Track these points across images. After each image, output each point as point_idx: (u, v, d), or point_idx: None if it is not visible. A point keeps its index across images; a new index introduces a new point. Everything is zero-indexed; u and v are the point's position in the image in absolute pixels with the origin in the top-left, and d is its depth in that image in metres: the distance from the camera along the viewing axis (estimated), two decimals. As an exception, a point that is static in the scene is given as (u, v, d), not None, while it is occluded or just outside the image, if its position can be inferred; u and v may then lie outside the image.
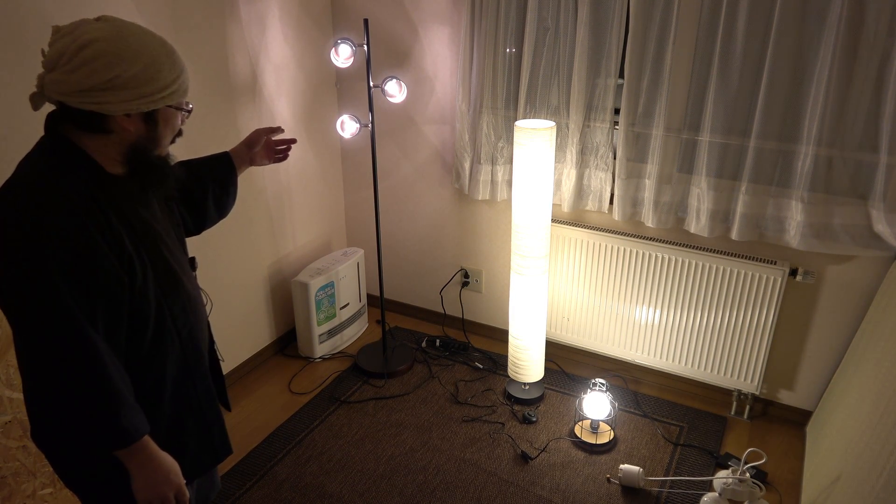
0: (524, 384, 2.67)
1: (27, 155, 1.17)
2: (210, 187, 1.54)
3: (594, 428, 2.42)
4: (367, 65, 2.46)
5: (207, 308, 1.42)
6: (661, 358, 2.62)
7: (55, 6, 1.83)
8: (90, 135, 1.14)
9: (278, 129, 1.65)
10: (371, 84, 2.49)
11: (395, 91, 2.53)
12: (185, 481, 1.28)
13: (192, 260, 1.42)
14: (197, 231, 1.57)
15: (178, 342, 1.29)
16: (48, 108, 1.30)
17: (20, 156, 1.20)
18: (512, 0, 2.44)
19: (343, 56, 2.45)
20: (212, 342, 1.51)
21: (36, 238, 1.05)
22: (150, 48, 1.12)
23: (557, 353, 2.93)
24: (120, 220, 1.16)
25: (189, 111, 1.25)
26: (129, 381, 1.19)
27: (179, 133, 1.26)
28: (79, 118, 1.12)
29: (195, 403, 1.37)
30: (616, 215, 2.51)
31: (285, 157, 1.70)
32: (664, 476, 2.24)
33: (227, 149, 2.49)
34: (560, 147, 2.55)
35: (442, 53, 2.71)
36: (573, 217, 2.68)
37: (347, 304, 3.01)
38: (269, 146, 1.68)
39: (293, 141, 1.70)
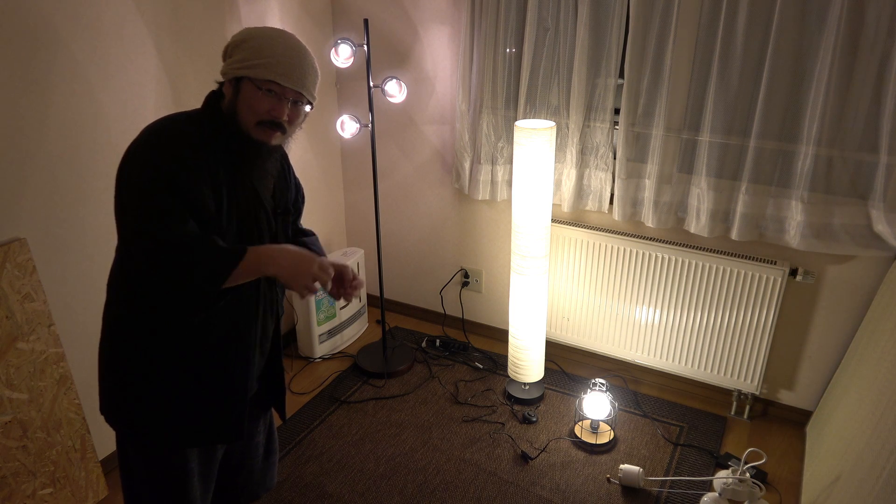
0: (524, 384, 2.67)
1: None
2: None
3: (594, 428, 2.42)
4: (367, 65, 2.46)
5: (291, 318, 1.47)
6: (661, 358, 2.61)
7: (55, 6, 1.83)
8: (223, 99, 1.31)
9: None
10: (371, 84, 2.49)
11: (395, 91, 2.53)
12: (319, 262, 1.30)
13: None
14: None
15: (235, 301, 1.33)
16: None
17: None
18: (512, 0, 2.44)
19: (343, 56, 2.44)
20: (277, 342, 1.52)
21: (157, 151, 1.22)
22: (270, 35, 1.27)
23: (557, 353, 2.93)
24: (224, 169, 1.28)
25: (271, 90, 1.27)
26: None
27: (277, 126, 1.30)
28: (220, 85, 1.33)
29: (228, 371, 1.37)
30: (616, 215, 2.51)
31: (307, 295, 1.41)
32: (664, 476, 2.24)
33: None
34: (560, 147, 2.55)
35: (442, 53, 2.71)
36: (573, 217, 2.68)
37: (347, 304, 3.01)
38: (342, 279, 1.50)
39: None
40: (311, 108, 1.37)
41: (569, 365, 2.88)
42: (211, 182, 1.25)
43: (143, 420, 1.35)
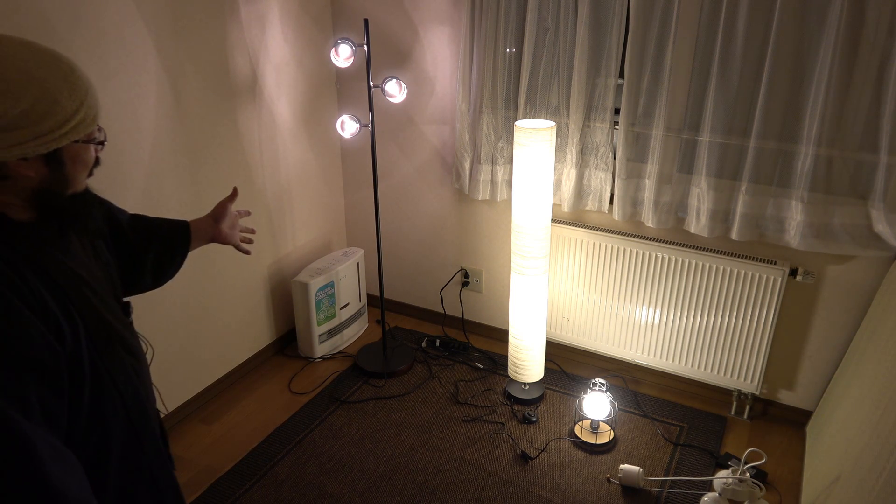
0: (524, 384, 2.67)
1: None
2: (154, 246, 1.37)
3: (594, 428, 2.42)
4: (367, 65, 2.46)
5: (148, 356, 1.26)
6: (661, 358, 2.61)
7: (55, 6, 1.83)
8: None
9: (234, 193, 1.51)
10: (371, 84, 2.49)
11: (395, 91, 2.53)
12: None
13: (127, 305, 1.22)
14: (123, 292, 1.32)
15: (121, 405, 1.10)
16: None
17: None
18: (512, 0, 2.44)
19: (343, 56, 2.44)
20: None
21: None
22: (40, 74, 0.91)
23: (557, 353, 2.93)
24: (37, 275, 0.97)
25: (103, 143, 1.05)
26: (76, 463, 0.99)
27: (97, 163, 1.08)
28: None
29: (146, 471, 1.17)
30: (616, 215, 2.51)
31: (247, 250, 1.55)
32: (664, 476, 2.24)
33: (228, 150, 2.51)
34: (560, 147, 2.55)
35: (442, 53, 2.71)
36: (573, 217, 2.68)
37: (347, 304, 3.01)
38: (235, 223, 1.52)
39: (252, 231, 1.59)
40: None
41: (569, 365, 2.88)
42: (32, 307, 0.93)
43: None
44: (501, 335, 3.05)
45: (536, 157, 2.26)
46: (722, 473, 2.07)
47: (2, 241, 0.94)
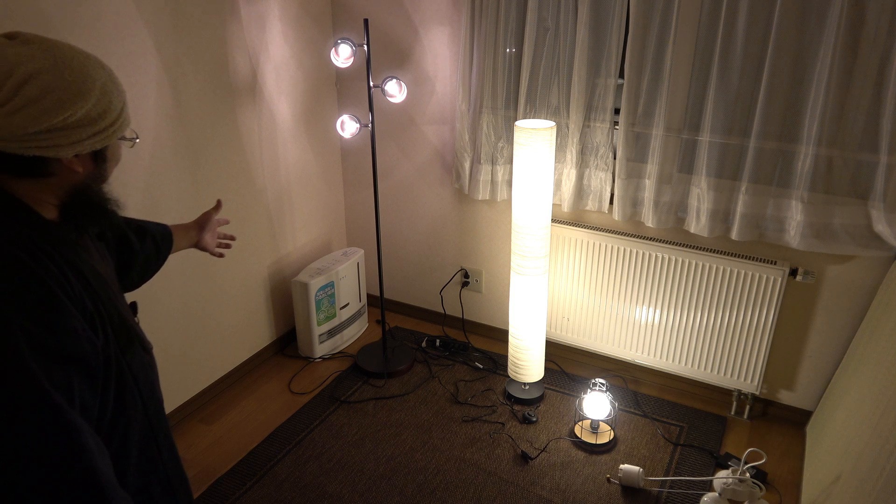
0: (524, 384, 2.67)
1: None
2: (146, 246, 1.41)
3: (594, 428, 2.42)
4: (367, 65, 2.46)
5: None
6: (661, 358, 2.61)
7: (54, 6, 1.83)
8: (23, 180, 0.95)
9: (218, 204, 1.62)
10: (371, 84, 2.49)
11: (395, 91, 2.53)
12: None
13: (134, 304, 1.25)
14: None
15: (140, 403, 1.12)
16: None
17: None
18: (512, 0, 2.44)
19: (343, 56, 2.44)
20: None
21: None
22: (97, 75, 0.97)
23: (557, 353, 2.93)
24: (73, 272, 0.99)
25: (135, 140, 1.10)
26: (110, 460, 1.01)
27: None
28: (15, 165, 0.93)
29: (161, 469, 1.20)
30: (616, 215, 2.51)
31: (221, 254, 1.66)
32: (664, 476, 2.24)
33: (228, 150, 2.51)
34: (560, 147, 2.55)
35: (442, 53, 2.71)
36: (573, 217, 2.68)
37: (347, 304, 3.01)
38: (214, 231, 1.62)
39: (232, 238, 1.70)
40: None
41: (569, 365, 2.88)
42: (73, 301, 0.96)
43: None
44: (501, 335, 3.05)
45: (536, 157, 2.26)
46: (722, 473, 2.07)
47: (41, 239, 0.96)
